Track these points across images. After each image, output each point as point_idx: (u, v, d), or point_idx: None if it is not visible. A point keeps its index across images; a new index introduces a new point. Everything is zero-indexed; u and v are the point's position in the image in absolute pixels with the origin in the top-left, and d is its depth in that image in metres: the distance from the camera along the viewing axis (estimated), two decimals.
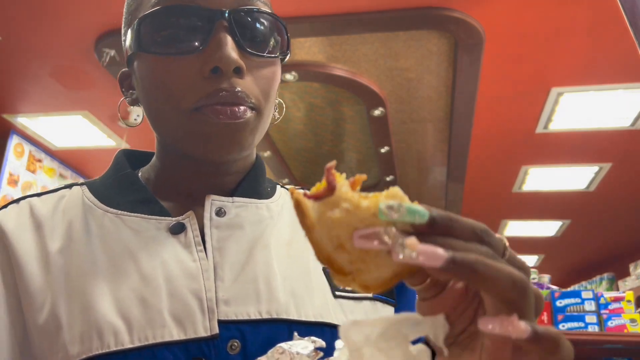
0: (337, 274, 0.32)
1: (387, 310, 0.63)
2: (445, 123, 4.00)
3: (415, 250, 0.30)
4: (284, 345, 0.41)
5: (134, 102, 0.66)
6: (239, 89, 0.56)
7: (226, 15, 0.57)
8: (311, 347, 0.40)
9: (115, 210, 0.60)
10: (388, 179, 4.92)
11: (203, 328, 0.52)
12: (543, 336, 0.31)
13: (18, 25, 3.06)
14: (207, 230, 0.59)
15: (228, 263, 0.57)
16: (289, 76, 3.33)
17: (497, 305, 0.32)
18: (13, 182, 4.24)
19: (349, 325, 0.32)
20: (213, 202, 0.61)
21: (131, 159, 0.70)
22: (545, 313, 2.77)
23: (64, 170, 4.83)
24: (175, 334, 0.52)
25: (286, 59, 0.64)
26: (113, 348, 0.50)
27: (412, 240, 0.30)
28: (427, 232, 0.32)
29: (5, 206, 0.62)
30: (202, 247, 0.58)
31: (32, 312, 0.54)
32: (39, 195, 0.64)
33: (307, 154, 4.64)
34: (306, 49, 3.19)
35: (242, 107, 0.57)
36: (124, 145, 4.29)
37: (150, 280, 0.54)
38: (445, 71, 3.36)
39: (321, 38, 3.10)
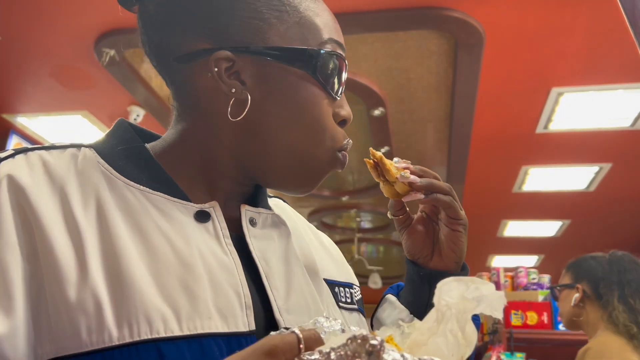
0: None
1: (365, 322, 0.75)
2: (445, 123, 4.00)
3: (409, 178, 0.67)
4: (320, 318, 0.45)
5: (240, 99, 0.60)
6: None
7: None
8: (338, 327, 0.44)
9: (137, 185, 0.57)
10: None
11: (242, 323, 0.53)
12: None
13: (18, 25, 3.06)
14: (248, 240, 0.61)
15: (276, 273, 0.60)
16: None
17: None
18: None
19: (449, 281, 0.43)
20: (247, 211, 0.63)
21: (135, 132, 0.66)
22: (545, 313, 2.77)
23: None
24: (220, 327, 0.52)
25: None
26: (162, 334, 0.49)
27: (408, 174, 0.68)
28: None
29: (11, 155, 0.55)
30: (230, 241, 0.58)
31: (59, 284, 0.50)
32: (46, 149, 0.58)
33: None
34: None
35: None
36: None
37: (191, 268, 0.53)
38: (445, 71, 3.36)
39: None
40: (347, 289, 0.72)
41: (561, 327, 2.73)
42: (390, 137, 4.14)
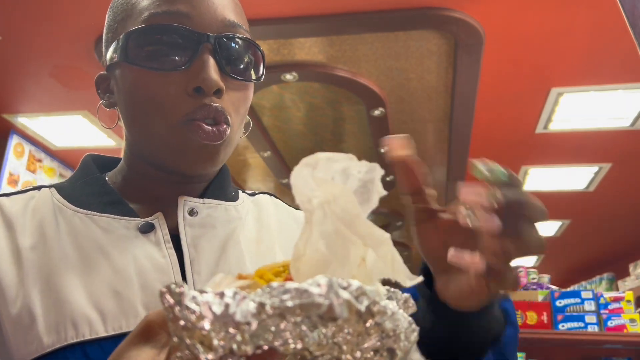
0: None
1: None
2: (445, 123, 4.00)
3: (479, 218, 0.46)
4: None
5: (111, 106, 0.70)
6: (219, 105, 0.61)
7: (211, 39, 0.61)
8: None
9: (85, 211, 0.63)
10: (388, 179, 4.91)
11: None
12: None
13: (18, 25, 3.06)
14: (181, 229, 0.63)
15: (203, 259, 0.61)
16: (289, 76, 3.33)
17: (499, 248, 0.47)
18: (13, 182, 4.24)
19: (299, 169, 0.34)
20: (186, 202, 0.65)
21: (98, 163, 0.74)
22: (545, 313, 2.77)
23: (64, 170, 4.83)
24: None
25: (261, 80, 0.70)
26: (88, 337, 0.53)
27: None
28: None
29: None
30: (171, 245, 0.61)
31: (5, 305, 0.55)
32: (7, 195, 0.66)
33: (307, 154, 4.61)
34: (306, 49, 3.19)
35: (223, 126, 0.61)
36: (124, 145, 4.29)
37: (123, 274, 0.57)
38: (445, 71, 3.36)
39: (321, 38, 3.10)
40: None
41: (560, 326, 2.73)
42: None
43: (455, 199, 0.51)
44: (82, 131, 4.27)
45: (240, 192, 0.76)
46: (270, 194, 0.81)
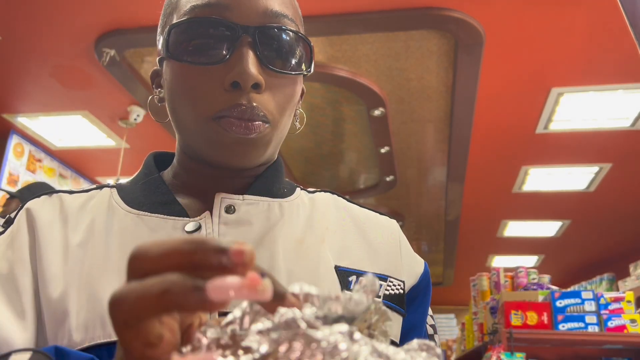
0: None
1: (396, 318, 0.65)
2: (445, 123, 4.01)
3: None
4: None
5: (161, 101, 0.69)
6: (255, 104, 0.59)
7: (250, 31, 0.59)
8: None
9: (136, 211, 0.63)
10: (388, 179, 4.91)
11: None
12: None
13: (18, 25, 3.06)
14: (215, 227, 0.61)
15: None
16: None
17: None
18: (13, 181, 4.24)
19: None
20: (223, 199, 0.64)
21: (159, 161, 0.73)
22: (545, 313, 2.77)
23: (64, 170, 4.82)
24: None
25: (309, 74, 0.67)
26: (114, 338, 0.52)
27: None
28: None
29: (38, 196, 0.66)
30: None
31: (46, 295, 0.56)
32: (70, 192, 0.67)
33: (307, 154, 4.63)
34: None
35: (257, 122, 0.59)
36: (124, 145, 4.29)
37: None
38: (445, 71, 3.36)
39: (321, 38, 3.10)
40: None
41: (561, 327, 2.73)
42: (390, 137, 4.13)
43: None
44: (82, 131, 4.27)
45: (298, 189, 0.73)
46: (333, 192, 0.77)
